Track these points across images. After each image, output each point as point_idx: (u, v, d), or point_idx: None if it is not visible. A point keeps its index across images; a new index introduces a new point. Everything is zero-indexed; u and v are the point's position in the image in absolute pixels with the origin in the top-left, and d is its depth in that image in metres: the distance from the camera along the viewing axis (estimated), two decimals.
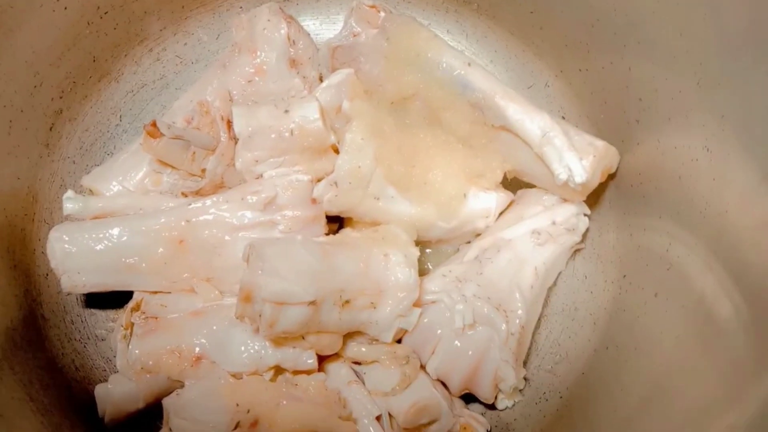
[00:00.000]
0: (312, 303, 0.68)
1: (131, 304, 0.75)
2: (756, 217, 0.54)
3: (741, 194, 0.57)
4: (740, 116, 0.58)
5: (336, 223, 0.84)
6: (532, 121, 0.77)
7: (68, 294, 0.80)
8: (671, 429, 0.59)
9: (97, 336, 0.82)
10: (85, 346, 0.81)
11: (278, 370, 0.72)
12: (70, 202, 0.78)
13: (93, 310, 0.83)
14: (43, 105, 0.82)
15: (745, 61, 0.58)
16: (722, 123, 0.60)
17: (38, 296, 0.80)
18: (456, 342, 0.74)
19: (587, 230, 0.82)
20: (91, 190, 0.83)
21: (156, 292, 0.76)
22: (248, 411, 0.67)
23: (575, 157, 0.74)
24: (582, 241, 0.81)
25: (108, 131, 0.90)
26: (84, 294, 0.80)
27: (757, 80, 0.56)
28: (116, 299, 0.81)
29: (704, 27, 0.63)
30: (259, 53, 0.85)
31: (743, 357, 0.53)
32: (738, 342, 0.54)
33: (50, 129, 0.84)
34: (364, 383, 0.75)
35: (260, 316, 0.67)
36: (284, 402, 0.68)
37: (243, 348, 0.72)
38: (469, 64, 0.80)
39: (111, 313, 0.83)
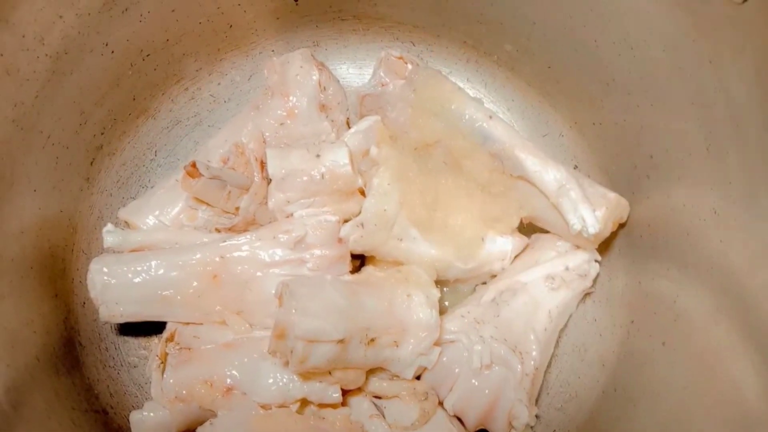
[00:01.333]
0: (341, 341, 0.72)
1: (165, 335, 0.79)
2: (760, 281, 0.59)
3: (747, 259, 0.61)
4: (747, 185, 0.63)
5: (358, 259, 0.88)
6: (549, 173, 0.81)
7: (105, 323, 0.84)
8: None
9: (129, 363, 0.86)
10: (118, 373, 0.85)
11: (304, 403, 0.76)
12: (110, 236, 0.82)
13: (126, 338, 0.87)
14: (86, 141, 0.87)
15: (752, 132, 0.63)
16: (729, 189, 0.65)
17: (76, 324, 0.84)
18: (473, 381, 0.78)
19: (598, 275, 0.86)
20: (127, 223, 0.87)
21: (188, 324, 0.80)
22: None
23: (589, 209, 0.79)
24: (592, 285, 0.86)
25: (144, 165, 0.94)
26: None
27: (763, 153, 0.61)
28: (147, 327, 0.85)
29: (713, 98, 0.68)
30: (291, 97, 0.89)
31: (753, 409, 0.57)
32: (747, 393, 0.58)
33: (91, 164, 0.89)
34: (384, 417, 0.79)
35: (292, 352, 0.71)
36: None
37: (272, 380, 0.75)
38: (490, 117, 0.85)
39: (143, 341, 0.87)
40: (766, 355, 0.57)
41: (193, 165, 0.80)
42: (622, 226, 0.85)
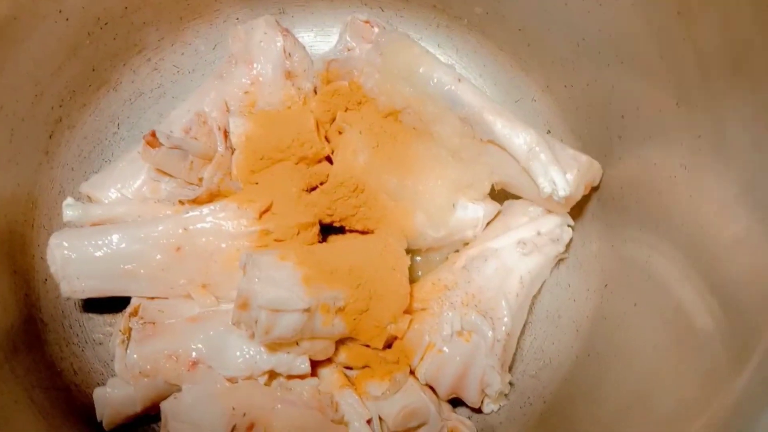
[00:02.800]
0: (306, 310, 0.70)
1: (129, 309, 0.77)
2: (729, 234, 0.58)
3: (715, 212, 0.60)
4: (715, 138, 0.62)
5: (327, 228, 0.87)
6: (518, 137, 0.79)
7: (67, 299, 0.82)
8: None
9: (94, 340, 0.84)
10: (83, 350, 0.83)
11: (272, 375, 0.75)
12: (70, 209, 0.79)
13: (90, 315, 0.85)
14: (43, 114, 0.84)
15: (720, 85, 0.62)
16: (698, 143, 0.64)
17: (37, 301, 0.82)
18: (444, 348, 0.76)
19: (571, 240, 0.85)
20: (89, 197, 0.85)
21: (153, 298, 0.78)
22: (244, 414, 0.69)
23: (559, 172, 0.77)
24: (566, 251, 0.84)
25: (106, 139, 0.92)
26: (82, 299, 0.82)
27: (730, 104, 0.60)
28: (113, 304, 0.83)
29: (682, 51, 0.66)
30: (255, 65, 0.87)
31: (717, 362, 0.56)
32: (712, 348, 0.57)
33: (50, 137, 0.86)
34: (354, 387, 0.77)
35: (256, 322, 0.70)
36: (279, 406, 0.71)
37: (238, 353, 0.74)
38: (459, 80, 0.83)
39: (108, 318, 0.85)
40: (729, 310, 0.56)
41: (153, 134, 0.78)
42: (594, 189, 0.84)
